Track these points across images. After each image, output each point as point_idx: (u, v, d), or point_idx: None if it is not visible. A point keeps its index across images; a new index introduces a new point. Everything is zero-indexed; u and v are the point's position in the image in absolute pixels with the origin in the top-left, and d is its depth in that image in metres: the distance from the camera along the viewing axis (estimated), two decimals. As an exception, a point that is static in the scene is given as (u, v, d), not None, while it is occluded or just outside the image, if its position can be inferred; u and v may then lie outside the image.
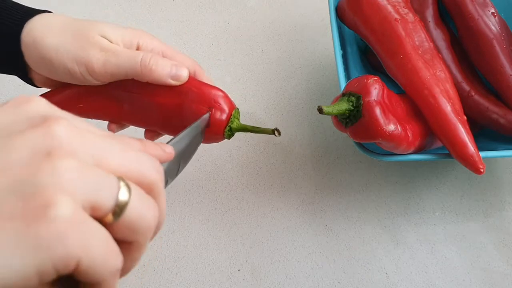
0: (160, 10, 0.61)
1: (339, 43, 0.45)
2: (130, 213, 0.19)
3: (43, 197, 0.17)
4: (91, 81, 0.34)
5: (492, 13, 0.47)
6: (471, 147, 0.40)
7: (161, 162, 0.24)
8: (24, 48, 0.33)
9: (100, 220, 0.19)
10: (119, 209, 0.19)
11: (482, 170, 0.39)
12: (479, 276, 0.46)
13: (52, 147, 0.18)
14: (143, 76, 0.34)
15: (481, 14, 0.46)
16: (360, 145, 0.43)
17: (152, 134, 0.40)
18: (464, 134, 0.40)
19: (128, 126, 0.41)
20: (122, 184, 0.19)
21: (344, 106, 0.37)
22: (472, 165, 0.39)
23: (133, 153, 0.21)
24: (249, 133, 0.37)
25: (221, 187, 0.49)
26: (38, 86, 0.38)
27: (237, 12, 0.61)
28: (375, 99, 0.37)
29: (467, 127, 0.41)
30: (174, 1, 0.61)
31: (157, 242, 0.46)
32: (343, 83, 0.43)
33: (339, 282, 0.45)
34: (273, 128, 0.36)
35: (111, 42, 0.34)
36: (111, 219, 0.19)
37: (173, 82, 0.35)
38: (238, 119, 0.38)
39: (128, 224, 0.19)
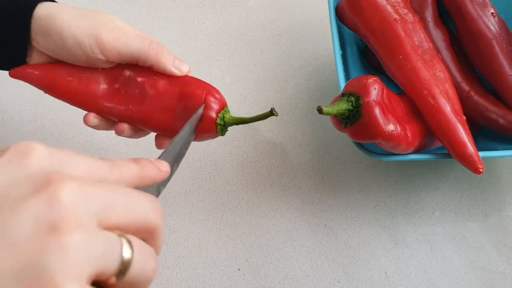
0: (160, 10, 0.61)
1: (338, 43, 0.45)
2: (132, 271, 0.19)
3: (50, 285, 0.16)
4: (97, 57, 0.34)
5: (492, 13, 0.47)
6: (470, 147, 0.40)
7: (158, 182, 0.24)
8: (35, 21, 0.34)
9: (104, 282, 0.19)
10: (123, 268, 0.19)
11: (481, 170, 0.39)
12: (479, 275, 0.46)
13: (58, 219, 0.17)
14: (150, 59, 0.35)
15: (480, 14, 0.46)
16: (360, 145, 0.43)
17: (133, 129, 0.39)
18: (463, 134, 0.40)
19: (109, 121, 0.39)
20: (124, 241, 0.19)
21: (343, 106, 0.37)
22: (471, 165, 0.40)
23: (134, 199, 0.20)
24: (249, 133, 0.37)
25: (221, 187, 0.49)
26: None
27: (237, 12, 0.61)
28: (375, 99, 0.37)
29: (467, 127, 0.41)
30: (174, 1, 0.61)
31: (157, 241, 0.46)
32: (342, 83, 0.43)
33: (338, 282, 0.45)
34: (268, 112, 0.35)
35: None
36: (114, 280, 0.19)
37: (176, 71, 0.36)
38: (229, 113, 0.37)
39: (130, 281, 0.19)
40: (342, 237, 0.47)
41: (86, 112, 0.38)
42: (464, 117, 0.42)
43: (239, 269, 0.45)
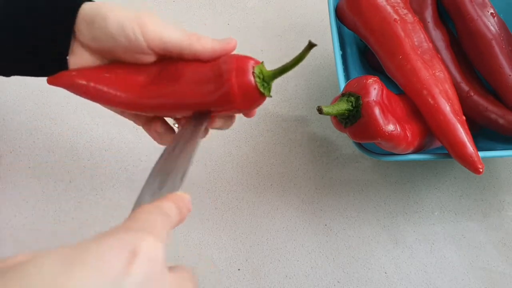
0: (160, 10, 0.61)
1: (338, 43, 0.46)
2: None
3: None
4: (139, 43, 0.34)
5: (491, 13, 0.47)
6: (470, 147, 0.40)
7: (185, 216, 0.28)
8: (79, 15, 0.34)
9: None
10: None
11: (481, 170, 0.39)
12: (478, 275, 0.46)
13: None
14: (192, 43, 0.34)
15: (480, 14, 0.46)
16: (360, 145, 0.43)
17: (165, 128, 0.39)
18: (463, 134, 0.40)
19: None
20: None
21: (343, 106, 0.38)
22: (471, 165, 0.40)
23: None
24: (249, 133, 0.37)
25: (221, 187, 0.49)
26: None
27: (237, 13, 0.61)
28: (375, 99, 0.37)
29: (466, 127, 0.41)
30: (174, 1, 0.62)
31: (158, 241, 0.46)
32: (342, 84, 0.43)
33: (338, 282, 0.45)
34: (307, 46, 0.33)
35: None
36: None
37: (219, 45, 0.35)
38: (266, 69, 0.35)
39: None
40: (342, 237, 0.47)
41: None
42: (464, 117, 0.42)
43: (239, 269, 0.45)
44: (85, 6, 0.34)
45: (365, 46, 0.51)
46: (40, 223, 0.46)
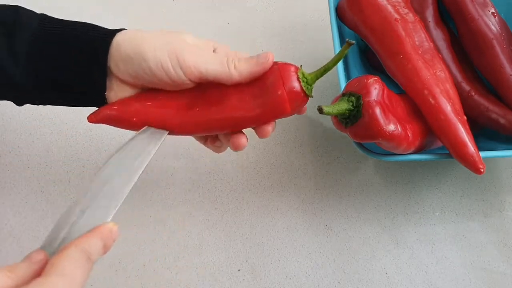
0: (160, 10, 0.61)
1: (339, 43, 0.45)
2: None
3: None
4: (179, 77, 0.34)
5: (492, 13, 0.47)
6: (471, 147, 0.40)
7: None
8: (114, 46, 0.34)
9: None
10: None
11: (482, 170, 0.39)
12: (479, 275, 0.46)
13: None
14: (230, 73, 0.34)
15: (481, 14, 0.46)
16: (360, 145, 0.43)
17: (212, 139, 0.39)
18: (464, 134, 0.40)
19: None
20: None
21: (344, 106, 0.37)
22: (472, 165, 0.39)
23: None
24: (249, 133, 0.37)
25: (221, 187, 0.49)
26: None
27: (237, 12, 0.61)
28: (375, 99, 0.37)
29: (467, 127, 0.41)
30: (174, 1, 0.61)
31: (157, 242, 0.46)
32: (343, 83, 0.43)
33: (339, 282, 0.45)
34: (345, 45, 0.33)
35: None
36: None
37: (257, 68, 0.34)
38: (305, 73, 0.35)
39: None
40: (342, 237, 0.47)
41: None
42: (465, 117, 0.42)
43: (239, 270, 0.45)
44: (119, 40, 0.34)
45: (365, 46, 0.51)
46: (40, 223, 0.46)
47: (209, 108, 0.35)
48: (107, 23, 0.36)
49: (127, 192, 0.30)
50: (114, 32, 0.34)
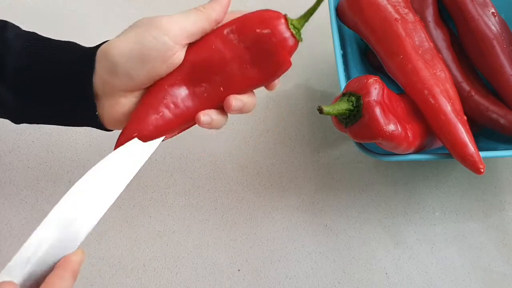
0: (160, 10, 0.61)
1: (339, 43, 0.45)
2: None
3: None
4: (168, 47, 0.32)
5: (492, 13, 0.47)
6: (471, 147, 0.40)
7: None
8: (99, 61, 0.33)
9: None
10: None
11: (482, 170, 0.39)
12: (479, 276, 0.46)
13: None
14: (204, 14, 0.33)
15: (481, 14, 0.46)
16: (360, 145, 0.43)
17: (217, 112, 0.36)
18: (464, 134, 0.40)
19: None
20: None
21: (344, 106, 0.37)
22: (472, 165, 0.39)
23: None
24: (249, 133, 0.37)
25: (221, 187, 0.49)
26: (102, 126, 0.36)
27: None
28: (375, 99, 0.37)
29: (467, 127, 0.41)
30: (175, 2, 0.61)
31: (157, 242, 0.46)
32: (343, 83, 0.43)
33: (339, 282, 0.45)
34: None
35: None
36: None
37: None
38: (293, 21, 0.36)
39: None
40: (342, 237, 0.47)
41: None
42: (465, 117, 0.42)
43: (239, 270, 0.45)
44: (104, 52, 0.32)
45: (365, 46, 0.51)
46: (39, 223, 0.46)
47: (214, 80, 0.34)
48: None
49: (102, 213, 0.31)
50: (96, 49, 0.33)
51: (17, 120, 0.36)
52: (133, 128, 0.34)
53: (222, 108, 0.35)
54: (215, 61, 0.34)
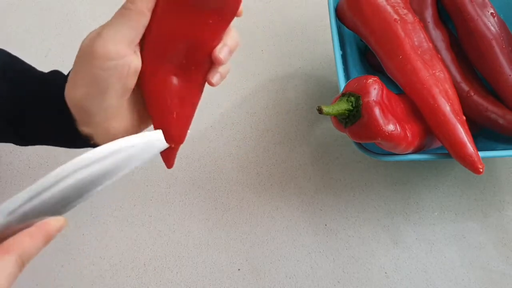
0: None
1: (338, 43, 0.46)
2: None
3: None
4: (117, 66, 0.30)
5: (491, 13, 0.47)
6: (470, 147, 0.40)
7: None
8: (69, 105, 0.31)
9: None
10: None
11: (481, 170, 0.39)
12: (478, 275, 0.46)
13: None
14: (140, 3, 0.30)
15: (480, 14, 0.46)
16: (360, 145, 0.43)
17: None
18: (463, 134, 0.40)
19: None
20: None
21: (343, 106, 0.38)
22: (471, 165, 0.40)
23: None
24: (249, 133, 0.37)
25: (221, 187, 0.49)
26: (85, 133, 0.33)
27: (237, 12, 0.61)
28: (375, 99, 0.37)
29: (466, 127, 0.41)
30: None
31: (158, 241, 0.46)
32: (342, 83, 0.43)
33: (338, 282, 0.45)
34: None
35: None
36: None
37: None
38: None
39: None
40: (342, 237, 0.47)
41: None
42: (464, 117, 0.42)
43: (239, 269, 0.45)
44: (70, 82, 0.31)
45: (365, 46, 0.51)
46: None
47: (187, 50, 0.33)
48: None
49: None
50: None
51: (20, 143, 0.37)
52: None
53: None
54: (173, 36, 0.32)
